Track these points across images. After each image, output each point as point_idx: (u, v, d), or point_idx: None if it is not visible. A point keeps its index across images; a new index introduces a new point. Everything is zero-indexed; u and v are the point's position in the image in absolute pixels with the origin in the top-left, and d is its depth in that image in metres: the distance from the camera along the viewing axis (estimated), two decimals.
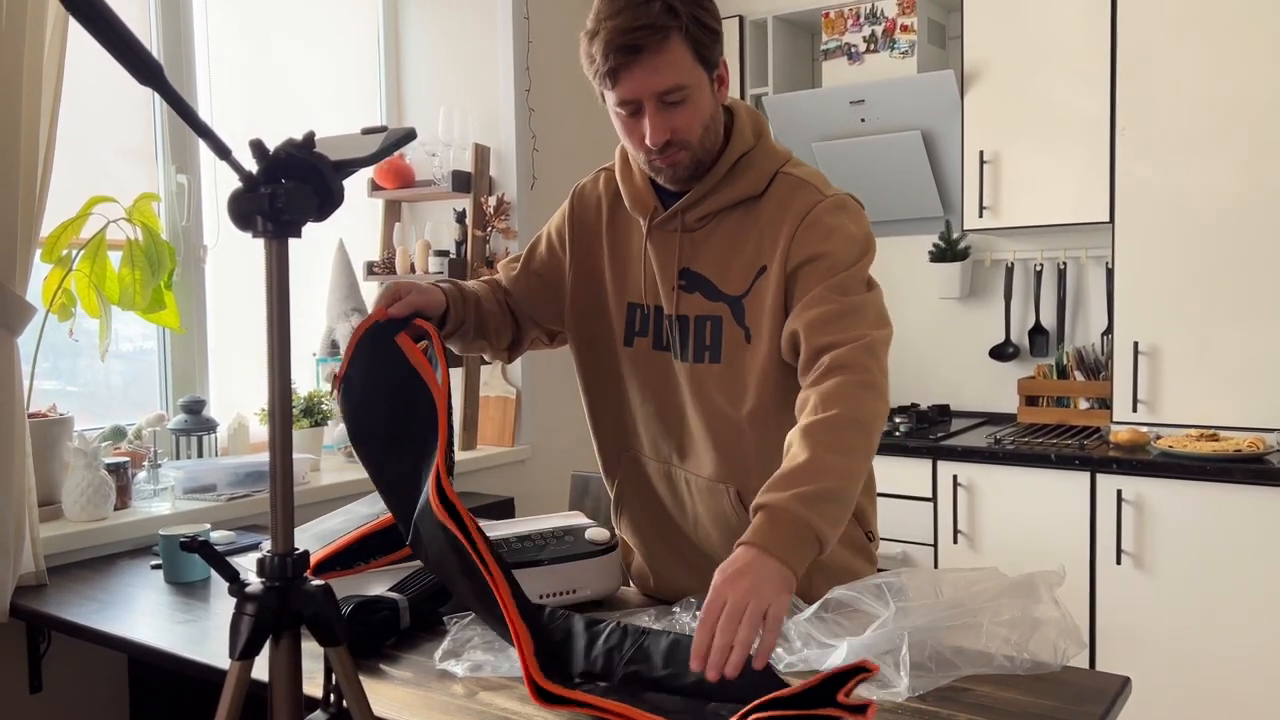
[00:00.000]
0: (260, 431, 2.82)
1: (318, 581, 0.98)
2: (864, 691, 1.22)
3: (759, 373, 1.43)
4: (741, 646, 1.07)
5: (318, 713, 1.05)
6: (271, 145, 0.97)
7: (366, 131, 1.04)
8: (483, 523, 1.74)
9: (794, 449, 1.25)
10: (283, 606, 0.95)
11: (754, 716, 1.06)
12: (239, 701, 0.94)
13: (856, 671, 1.10)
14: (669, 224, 1.48)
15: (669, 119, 1.36)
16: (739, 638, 1.07)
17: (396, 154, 3.01)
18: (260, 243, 0.97)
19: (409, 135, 1.03)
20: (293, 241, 0.96)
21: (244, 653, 0.93)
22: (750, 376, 1.44)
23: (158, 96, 2.60)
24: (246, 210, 0.94)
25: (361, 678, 1.06)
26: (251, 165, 0.96)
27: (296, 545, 0.97)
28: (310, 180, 0.95)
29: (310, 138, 0.97)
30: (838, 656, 1.25)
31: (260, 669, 0.97)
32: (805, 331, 1.35)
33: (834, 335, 1.32)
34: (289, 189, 0.93)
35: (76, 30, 1.93)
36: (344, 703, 1.02)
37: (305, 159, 0.95)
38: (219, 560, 0.97)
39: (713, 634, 1.08)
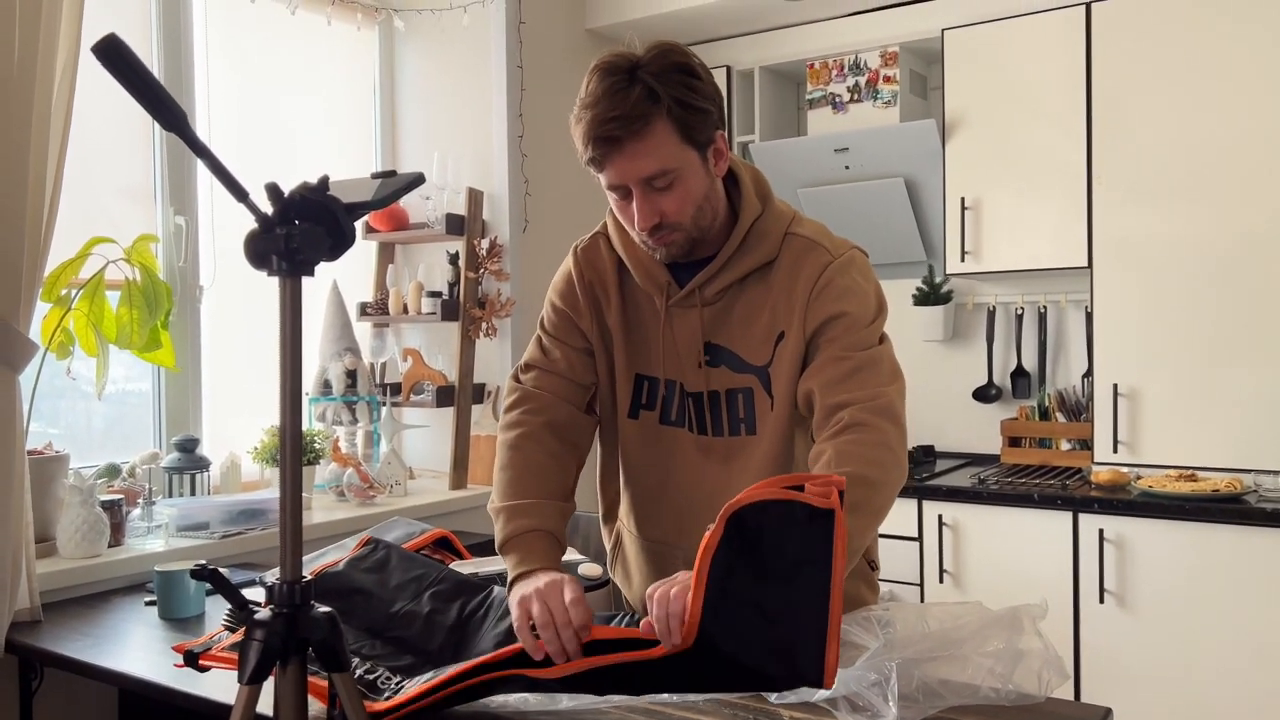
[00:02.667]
0: (252, 470, 2.84)
1: (324, 609, 1.01)
2: None
3: (787, 438, 1.44)
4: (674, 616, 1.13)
5: None
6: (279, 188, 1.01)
7: (376, 176, 1.08)
8: (478, 559, 1.77)
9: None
10: (290, 633, 0.98)
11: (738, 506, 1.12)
12: None
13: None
14: (688, 300, 1.45)
15: (657, 203, 1.34)
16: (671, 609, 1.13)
17: None
18: (255, 286, 1.01)
19: (418, 180, 1.08)
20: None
21: (252, 678, 0.96)
22: (783, 443, 1.44)
23: (157, 139, 2.68)
24: (263, 250, 0.98)
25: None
26: (267, 207, 1.00)
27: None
28: (324, 221, 0.99)
29: (324, 181, 1.01)
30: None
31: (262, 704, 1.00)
32: (820, 390, 1.35)
33: (849, 393, 1.33)
34: (304, 230, 0.98)
35: (82, 73, 1.98)
36: None
37: (319, 201, 1.00)
38: (228, 587, 0.99)
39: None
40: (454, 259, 3.20)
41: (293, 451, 1.00)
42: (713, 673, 1.17)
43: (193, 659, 1.38)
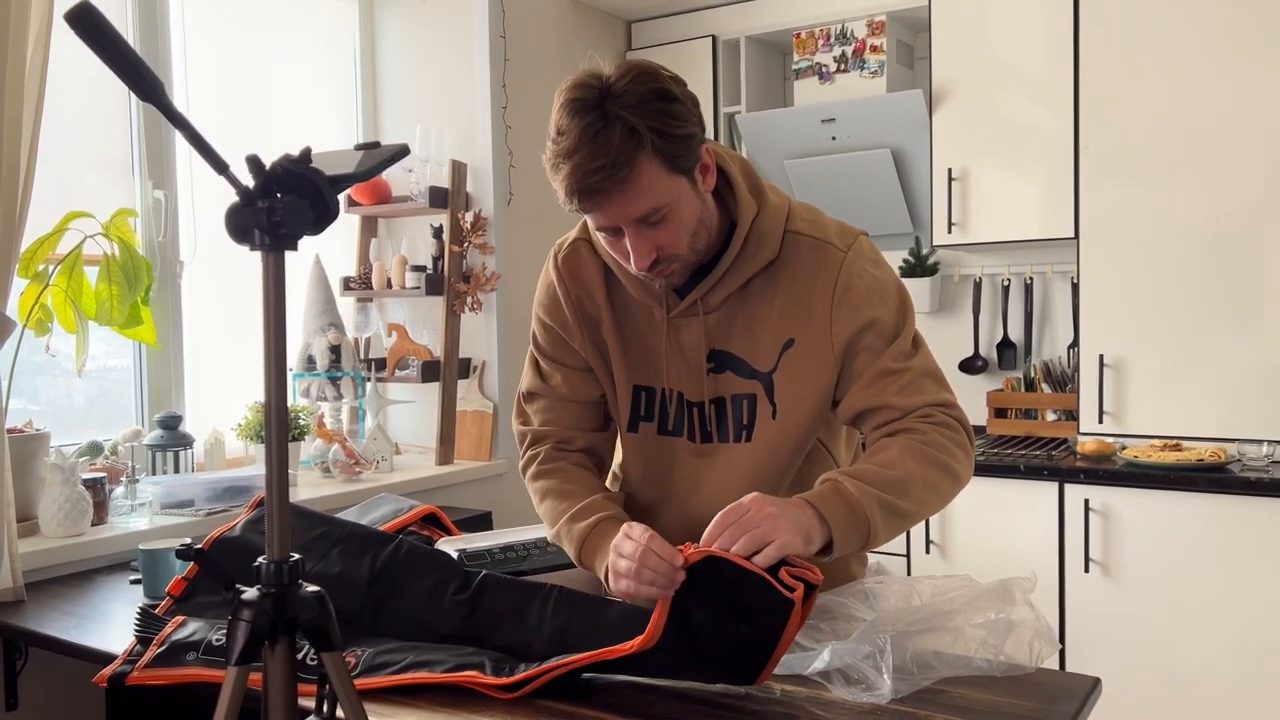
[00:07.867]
0: (236, 447, 2.81)
1: (313, 588, 0.99)
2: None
3: (786, 448, 1.41)
4: (733, 553, 1.18)
5: (311, 718, 1.06)
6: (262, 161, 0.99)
7: (360, 147, 1.06)
8: (468, 534, 1.76)
9: (890, 454, 1.30)
10: (279, 613, 0.96)
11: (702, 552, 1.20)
12: (236, 708, 0.95)
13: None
14: (690, 310, 1.40)
15: (652, 238, 1.27)
16: (735, 547, 1.18)
17: None
18: (237, 261, 0.98)
19: (402, 151, 1.05)
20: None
21: (241, 658, 0.95)
22: (778, 453, 1.42)
23: (134, 111, 2.63)
24: (244, 224, 0.96)
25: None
26: (248, 180, 0.97)
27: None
28: (306, 194, 0.97)
29: (307, 153, 0.99)
30: (820, 661, 1.28)
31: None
32: (896, 397, 1.34)
33: (927, 396, 1.35)
34: (286, 203, 0.95)
35: (56, 46, 1.94)
36: (337, 710, 1.03)
37: (302, 173, 0.97)
38: (215, 566, 0.98)
39: (721, 531, 1.20)
40: (438, 233, 3.17)
41: (278, 429, 0.98)
42: (672, 660, 1.26)
43: (120, 681, 1.36)
